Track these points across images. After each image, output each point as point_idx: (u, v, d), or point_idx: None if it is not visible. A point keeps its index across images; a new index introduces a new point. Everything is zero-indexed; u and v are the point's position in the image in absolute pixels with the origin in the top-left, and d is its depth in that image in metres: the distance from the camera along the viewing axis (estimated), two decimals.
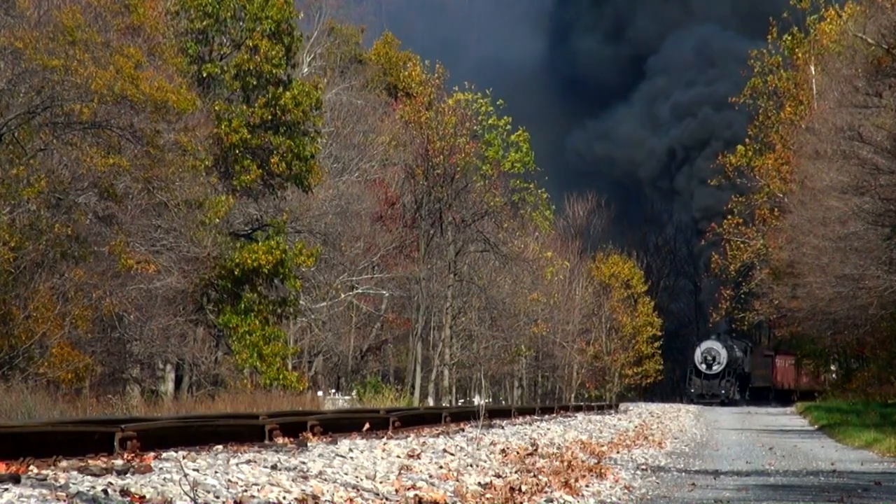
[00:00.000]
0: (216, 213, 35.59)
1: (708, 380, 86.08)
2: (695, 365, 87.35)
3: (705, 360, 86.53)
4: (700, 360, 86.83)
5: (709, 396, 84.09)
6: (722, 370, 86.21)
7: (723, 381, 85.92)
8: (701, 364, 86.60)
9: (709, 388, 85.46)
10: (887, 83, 35.16)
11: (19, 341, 28.56)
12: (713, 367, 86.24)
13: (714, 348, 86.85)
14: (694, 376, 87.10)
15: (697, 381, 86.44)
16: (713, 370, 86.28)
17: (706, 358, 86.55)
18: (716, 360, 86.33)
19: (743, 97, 74.12)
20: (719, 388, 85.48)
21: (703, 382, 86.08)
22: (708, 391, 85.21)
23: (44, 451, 11.04)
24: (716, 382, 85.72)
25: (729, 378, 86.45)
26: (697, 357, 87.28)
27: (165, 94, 31.62)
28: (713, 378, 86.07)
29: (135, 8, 34.51)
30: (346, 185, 51.87)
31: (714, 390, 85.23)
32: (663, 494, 13.73)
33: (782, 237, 57.12)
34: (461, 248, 64.03)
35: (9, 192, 28.58)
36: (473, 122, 69.96)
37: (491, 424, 24.80)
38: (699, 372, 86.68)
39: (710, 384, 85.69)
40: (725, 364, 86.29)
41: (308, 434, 16.68)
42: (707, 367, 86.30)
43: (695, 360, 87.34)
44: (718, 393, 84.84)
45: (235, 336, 38.61)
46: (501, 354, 70.51)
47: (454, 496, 11.72)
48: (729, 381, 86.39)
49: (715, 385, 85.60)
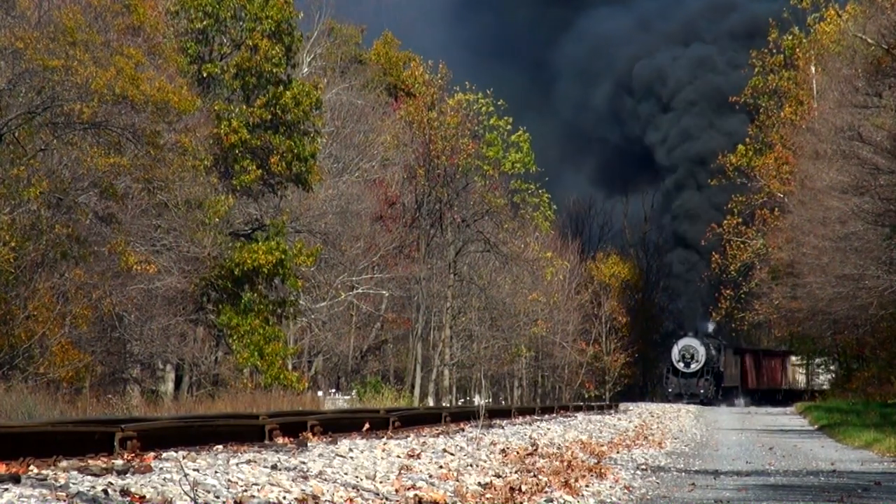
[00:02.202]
0: (216, 213, 35.60)
1: (686, 378, 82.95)
2: (672, 363, 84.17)
3: (683, 359, 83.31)
4: (678, 358, 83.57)
5: (687, 396, 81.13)
6: (700, 368, 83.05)
7: (701, 380, 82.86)
8: (678, 362, 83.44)
9: (687, 388, 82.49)
10: (887, 83, 35.17)
11: (19, 341, 28.56)
12: (691, 365, 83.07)
13: (692, 346, 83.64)
14: (671, 375, 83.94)
15: (675, 379, 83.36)
16: (691, 368, 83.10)
17: (684, 356, 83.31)
18: (694, 358, 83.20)
19: (743, 97, 74.18)
20: (698, 387, 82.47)
21: (680, 381, 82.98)
22: (686, 390, 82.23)
23: (44, 451, 11.05)
24: (694, 381, 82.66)
25: (707, 377, 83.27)
26: (675, 355, 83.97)
27: (166, 94, 31.63)
28: (691, 377, 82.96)
29: (135, 8, 34.50)
30: (346, 185, 51.87)
31: (692, 389, 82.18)
32: (663, 494, 13.74)
33: (782, 237, 57.16)
34: (461, 248, 64.06)
35: (9, 192, 28.59)
36: (474, 122, 70.02)
37: (491, 424, 24.80)
38: (677, 370, 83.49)
39: (688, 383, 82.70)
40: (704, 362, 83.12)
41: (308, 434, 16.68)
42: (685, 366, 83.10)
43: (672, 359, 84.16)
44: (697, 392, 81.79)
45: (235, 336, 38.62)
46: (501, 354, 70.54)
47: (454, 496, 11.72)
48: (707, 379, 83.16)
49: (693, 384, 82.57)
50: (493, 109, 78.04)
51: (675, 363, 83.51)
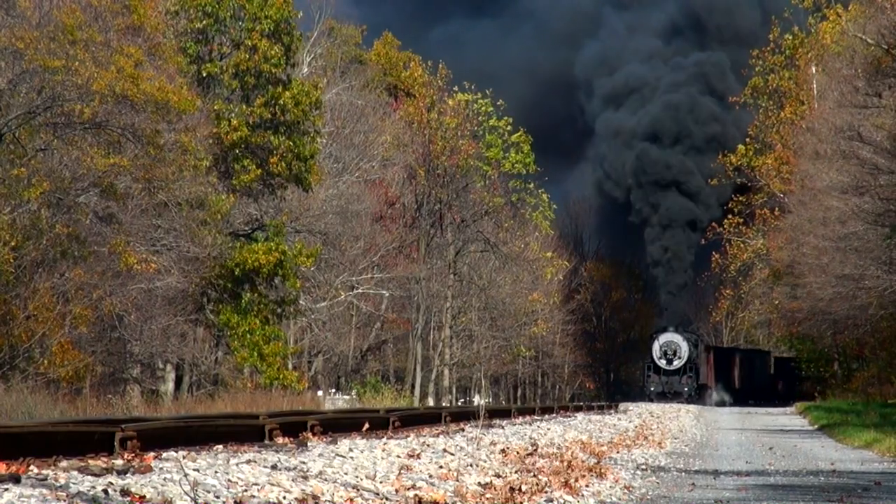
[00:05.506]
0: (217, 211, 35.59)
1: (668, 376, 78.41)
2: (653, 360, 78.85)
3: (665, 355, 78.69)
4: (659, 354, 78.88)
5: (670, 394, 77.08)
6: (683, 365, 78.67)
7: (684, 377, 78.40)
8: (660, 359, 78.79)
9: (669, 386, 78.08)
10: (887, 83, 35.17)
11: (19, 341, 28.57)
12: (673, 361, 78.55)
13: (674, 341, 79.07)
14: (652, 373, 78.89)
15: (656, 377, 78.66)
16: (673, 365, 78.55)
17: (666, 352, 78.72)
18: (676, 355, 78.60)
19: (744, 97, 74.18)
20: (681, 384, 78.11)
21: (662, 379, 78.41)
22: (669, 388, 77.89)
23: (44, 451, 11.05)
24: (676, 379, 78.24)
25: (690, 374, 78.81)
26: (656, 351, 79.00)
27: (166, 94, 31.63)
28: (673, 374, 78.48)
29: (135, 8, 34.50)
30: (346, 185, 51.88)
31: (675, 387, 77.88)
32: (663, 494, 13.74)
33: (782, 237, 57.16)
34: (461, 248, 64.13)
35: (9, 192, 28.59)
36: (474, 122, 70.09)
37: (491, 424, 24.80)
38: (658, 368, 78.81)
39: (671, 380, 78.22)
40: (686, 358, 78.82)
41: (308, 434, 16.68)
42: (667, 363, 78.54)
43: (653, 355, 79.46)
44: (681, 390, 77.53)
45: (235, 336, 38.62)
46: (501, 354, 70.62)
47: (454, 496, 11.72)
48: (690, 376, 78.71)
49: (676, 381, 78.15)
50: (492, 110, 78.11)
51: (656, 360, 79.27)
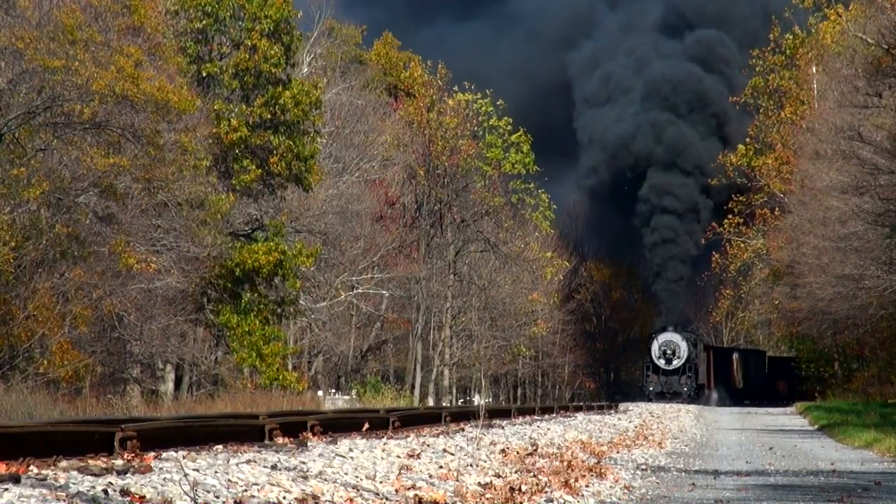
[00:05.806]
0: (217, 211, 35.59)
1: (667, 375, 77.71)
2: (652, 360, 78.40)
3: (664, 355, 77.99)
4: (658, 354, 78.10)
5: (670, 394, 76.02)
6: (682, 365, 77.98)
7: (684, 377, 77.72)
8: (659, 359, 78.06)
9: (669, 386, 77.36)
10: (887, 83, 35.17)
11: (19, 341, 28.57)
12: (673, 361, 77.86)
13: (674, 341, 78.37)
14: (651, 373, 78.17)
15: (655, 377, 77.95)
16: (673, 365, 77.86)
17: (665, 352, 78.05)
18: (675, 354, 77.91)
19: (744, 96, 74.17)
20: (681, 384, 77.34)
21: (661, 379, 77.69)
22: (668, 388, 77.15)
23: (44, 451, 11.04)
24: (676, 378, 77.55)
25: (689, 373, 78.11)
26: (655, 351, 78.25)
27: (166, 94, 31.63)
28: (672, 374, 77.79)
29: (135, 8, 34.51)
30: (346, 185, 51.90)
31: (675, 387, 77.14)
32: (663, 494, 13.73)
33: (782, 237, 57.17)
34: (461, 248, 64.15)
35: (9, 192, 28.59)
36: (474, 122, 70.09)
37: (491, 424, 24.79)
38: (657, 368, 78.14)
39: (670, 380, 77.56)
40: (686, 358, 77.85)
41: (308, 434, 16.68)
42: (666, 363, 77.86)
43: (652, 355, 78.33)
44: (681, 390, 76.59)
45: (235, 336, 38.62)
46: (501, 354, 70.63)
47: (454, 496, 11.72)
48: (689, 376, 78.01)
49: (675, 381, 77.45)
50: (492, 110, 78.09)
51: (655, 360, 78.63)
